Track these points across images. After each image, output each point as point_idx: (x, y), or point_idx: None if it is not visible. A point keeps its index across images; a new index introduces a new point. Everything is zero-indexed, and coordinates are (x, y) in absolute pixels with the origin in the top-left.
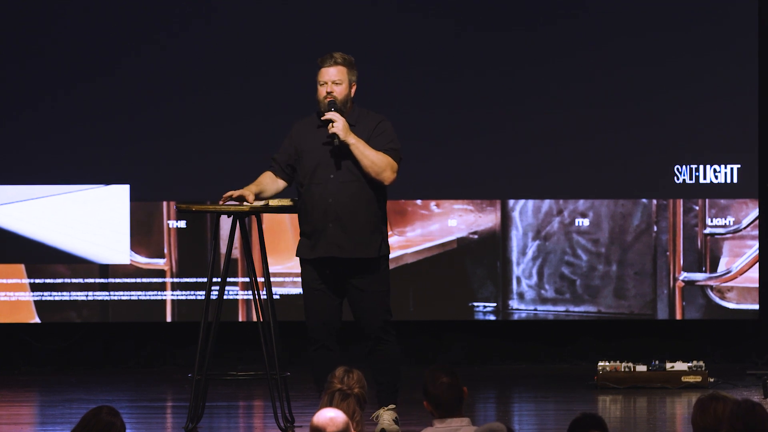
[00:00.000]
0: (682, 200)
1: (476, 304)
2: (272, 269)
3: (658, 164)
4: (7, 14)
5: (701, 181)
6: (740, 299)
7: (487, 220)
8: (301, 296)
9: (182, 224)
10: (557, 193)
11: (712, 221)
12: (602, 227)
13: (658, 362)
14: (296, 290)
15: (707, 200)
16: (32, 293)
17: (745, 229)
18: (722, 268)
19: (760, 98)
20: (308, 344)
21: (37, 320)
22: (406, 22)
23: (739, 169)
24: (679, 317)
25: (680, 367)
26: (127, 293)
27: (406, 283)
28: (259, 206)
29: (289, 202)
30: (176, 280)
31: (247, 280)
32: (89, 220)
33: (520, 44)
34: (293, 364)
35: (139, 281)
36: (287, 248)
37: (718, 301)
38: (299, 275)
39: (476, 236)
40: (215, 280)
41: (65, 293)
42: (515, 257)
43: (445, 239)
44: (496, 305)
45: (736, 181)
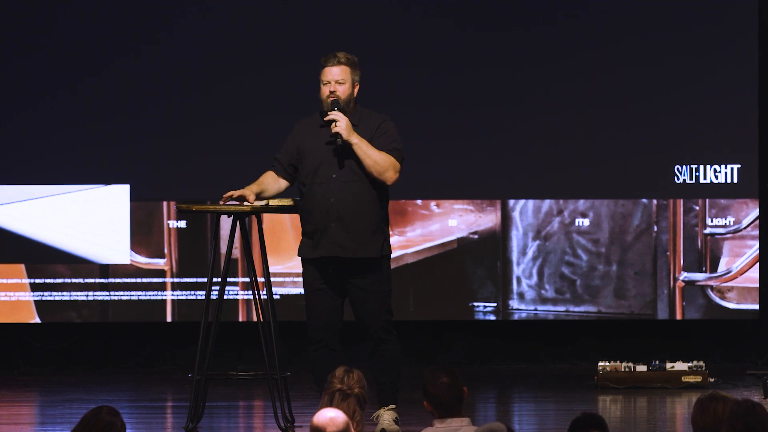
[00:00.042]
0: (682, 200)
1: (476, 304)
2: (272, 269)
3: (658, 164)
4: (6, 14)
5: (701, 181)
6: (740, 299)
7: (487, 220)
8: (301, 296)
9: (182, 224)
10: (557, 193)
11: (712, 221)
12: (602, 227)
13: (658, 362)
14: (296, 290)
15: (707, 200)
16: (32, 293)
17: (745, 229)
18: (722, 268)
19: (760, 98)
20: (309, 344)
21: (37, 320)
22: (406, 22)
23: (739, 169)
24: (679, 317)
25: (680, 367)
26: (127, 293)
27: (406, 283)
28: (259, 206)
29: (289, 202)
30: (176, 280)
31: (247, 280)
32: (89, 220)
33: (520, 44)
34: (293, 364)
35: (139, 281)
36: (287, 248)
37: (718, 301)
38: (299, 275)
39: (476, 236)
40: (215, 280)
41: (65, 293)
42: (515, 257)
43: (445, 239)
44: (496, 305)
45: (736, 181)
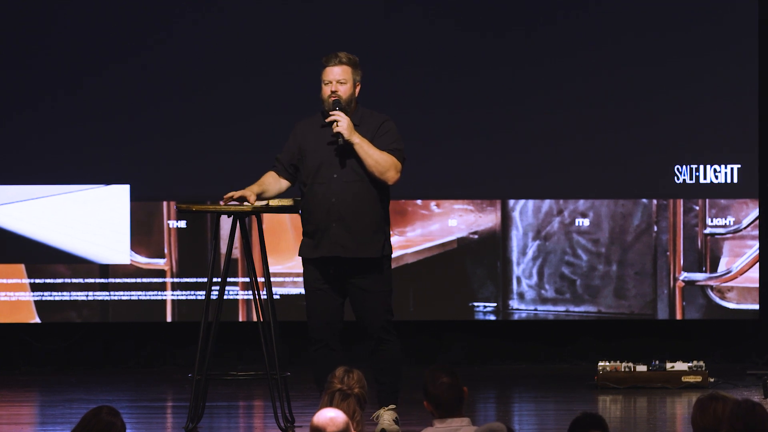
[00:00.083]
0: (682, 200)
1: (476, 304)
2: (272, 269)
3: (658, 164)
4: (7, 14)
5: (701, 181)
6: (740, 299)
7: (487, 220)
8: (301, 296)
9: (182, 224)
10: (557, 193)
11: (712, 221)
12: (602, 227)
13: (658, 362)
14: (296, 290)
15: (707, 200)
16: (32, 293)
17: (745, 229)
18: (722, 268)
19: (760, 98)
20: (309, 344)
21: (37, 320)
22: (406, 22)
23: (739, 169)
24: (679, 317)
25: (680, 367)
26: (127, 293)
27: (406, 283)
28: (259, 206)
29: (289, 201)
30: (176, 280)
31: (247, 280)
32: (89, 220)
33: (520, 44)
34: (293, 364)
35: (139, 281)
36: (288, 248)
37: (718, 301)
38: (299, 275)
39: (476, 236)
40: (215, 280)
41: (65, 293)
42: (515, 257)
43: (445, 239)
44: (496, 305)
45: (736, 181)
